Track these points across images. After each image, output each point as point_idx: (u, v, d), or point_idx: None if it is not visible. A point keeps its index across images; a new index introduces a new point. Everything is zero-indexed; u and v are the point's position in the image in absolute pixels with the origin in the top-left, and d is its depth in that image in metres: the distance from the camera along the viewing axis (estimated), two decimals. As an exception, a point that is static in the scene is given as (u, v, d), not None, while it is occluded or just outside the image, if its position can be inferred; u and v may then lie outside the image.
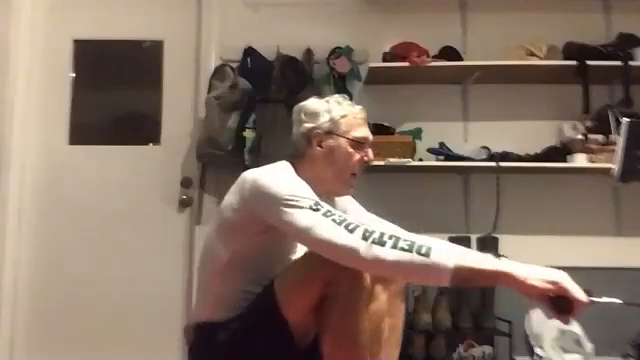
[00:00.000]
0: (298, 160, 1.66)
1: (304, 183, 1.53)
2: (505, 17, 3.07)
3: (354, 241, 1.30)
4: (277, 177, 1.53)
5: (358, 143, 1.65)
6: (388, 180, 3.02)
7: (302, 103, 1.72)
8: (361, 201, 3.02)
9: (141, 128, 3.26)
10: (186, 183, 3.10)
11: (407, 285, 1.59)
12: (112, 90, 3.29)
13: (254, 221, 1.52)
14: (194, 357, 1.66)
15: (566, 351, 2.70)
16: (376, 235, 1.29)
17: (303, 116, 1.67)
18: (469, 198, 3.03)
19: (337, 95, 1.73)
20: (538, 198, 3.01)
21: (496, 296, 2.76)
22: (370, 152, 1.68)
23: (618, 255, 2.95)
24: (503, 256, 1.56)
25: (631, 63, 2.80)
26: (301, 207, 1.40)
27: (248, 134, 2.87)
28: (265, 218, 1.49)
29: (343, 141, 1.63)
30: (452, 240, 2.80)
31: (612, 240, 2.98)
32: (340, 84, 2.98)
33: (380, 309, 1.48)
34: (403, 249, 1.26)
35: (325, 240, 1.34)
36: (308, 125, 1.65)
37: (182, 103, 3.14)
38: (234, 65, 2.99)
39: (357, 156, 1.64)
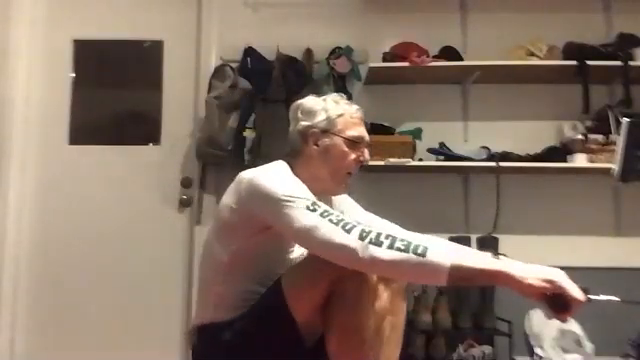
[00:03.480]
0: (294, 159, 1.66)
1: (300, 182, 1.54)
2: (505, 17, 3.07)
3: (351, 241, 1.29)
4: (274, 177, 1.52)
5: (354, 142, 1.64)
6: (388, 180, 3.02)
7: (299, 101, 1.71)
8: (361, 201, 3.03)
9: (141, 128, 3.26)
10: (186, 183, 3.10)
11: (407, 285, 1.58)
12: (112, 90, 3.29)
13: (251, 221, 1.52)
14: (198, 358, 1.64)
15: (566, 351, 2.70)
16: (373, 235, 1.29)
17: (300, 114, 1.67)
18: (469, 198, 3.03)
19: (335, 94, 1.72)
20: (538, 198, 3.01)
21: (496, 296, 2.76)
22: (366, 152, 1.67)
23: (618, 255, 2.94)
24: (502, 254, 1.52)
25: (631, 63, 2.80)
26: (298, 207, 1.39)
27: (248, 134, 2.87)
28: (263, 218, 1.49)
29: (339, 140, 1.62)
30: (452, 240, 2.80)
31: (612, 240, 2.98)
32: (340, 84, 2.98)
33: (384, 307, 1.47)
34: (399, 249, 1.26)
35: (322, 241, 1.34)
36: (305, 123, 1.64)
37: (182, 103, 3.14)
38: (234, 65, 2.99)
39: (353, 155, 1.64)
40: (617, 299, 1.41)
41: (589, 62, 2.80)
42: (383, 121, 2.97)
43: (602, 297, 1.33)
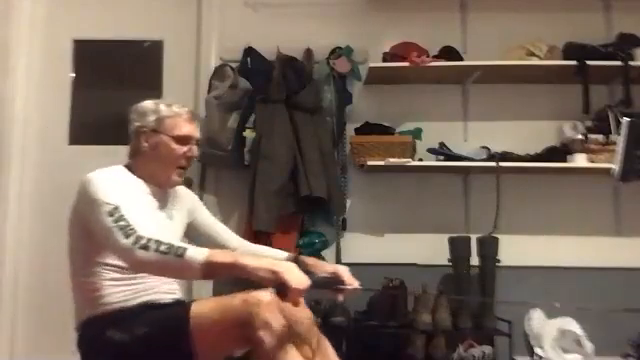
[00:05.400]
0: (133, 158, 1.86)
1: (120, 185, 1.71)
2: (505, 17, 3.07)
3: (126, 245, 1.54)
4: (99, 181, 1.71)
5: (181, 139, 1.83)
6: (388, 180, 3.02)
7: (136, 104, 1.89)
8: (361, 201, 3.04)
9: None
10: (186, 183, 3.07)
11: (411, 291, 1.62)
12: (112, 90, 3.28)
13: (81, 221, 1.70)
14: (86, 354, 1.73)
15: (566, 351, 2.70)
16: (143, 241, 1.53)
17: (134, 115, 1.86)
18: (469, 198, 3.03)
19: (170, 100, 1.91)
20: (538, 198, 3.01)
21: (496, 296, 2.76)
22: (194, 148, 1.85)
23: (618, 255, 2.94)
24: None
25: (631, 63, 2.80)
26: (103, 212, 1.60)
27: (248, 134, 2.87)
28: (83, 217, 1.69)
29: (166, 138, 1.81)
30: (452, 240, 2.80)
31: (612, 240, 2.98)
32: (340, 84, 2.98)
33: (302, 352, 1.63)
34: (162, 252, 1.51)
35: (110, 243, 1.58)
36: (137, 123, 1.84)
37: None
38: (234, 65, 2.99)
39: (180, 151, 1.82)
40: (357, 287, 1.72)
41: (589, 62, 2.80)
42: (383, 121, 2.97)
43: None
